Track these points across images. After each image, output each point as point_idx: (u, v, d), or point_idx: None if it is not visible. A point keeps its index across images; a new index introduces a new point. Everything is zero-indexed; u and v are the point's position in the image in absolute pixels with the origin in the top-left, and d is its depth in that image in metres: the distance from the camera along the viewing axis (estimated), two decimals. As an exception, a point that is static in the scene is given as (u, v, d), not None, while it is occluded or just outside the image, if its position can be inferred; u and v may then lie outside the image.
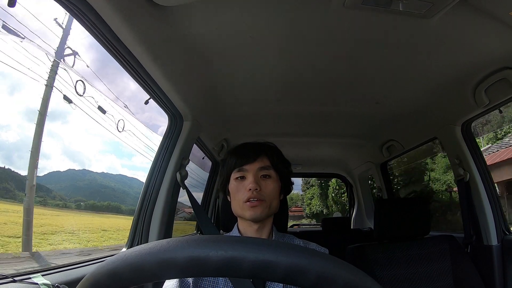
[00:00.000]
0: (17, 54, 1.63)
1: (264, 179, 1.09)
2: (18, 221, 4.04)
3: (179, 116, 1.83)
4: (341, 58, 1.59)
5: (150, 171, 1.76)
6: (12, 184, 5.09)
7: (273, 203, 1.09)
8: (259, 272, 0.41)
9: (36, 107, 3.56)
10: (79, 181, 11.94)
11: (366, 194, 4.19)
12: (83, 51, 1.75)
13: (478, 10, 1.20)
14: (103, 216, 10.25)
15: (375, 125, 2.60)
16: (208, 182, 2.99)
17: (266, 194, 1.07)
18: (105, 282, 0.42)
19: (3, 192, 4.56)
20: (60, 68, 2.01)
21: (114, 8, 1.01)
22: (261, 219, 1.08)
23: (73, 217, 8.74)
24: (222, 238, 0.43)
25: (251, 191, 1.05)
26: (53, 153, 13.57)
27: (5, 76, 9.66)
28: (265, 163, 1.11)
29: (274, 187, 1.10)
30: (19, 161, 4.61)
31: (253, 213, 1.05)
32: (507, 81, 1.60)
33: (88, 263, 1.36)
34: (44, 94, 3.04)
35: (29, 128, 3.78)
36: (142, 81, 1.43)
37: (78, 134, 19.38)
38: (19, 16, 1.35)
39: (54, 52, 2.81)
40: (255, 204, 1.05)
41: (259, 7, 1.22)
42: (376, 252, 1.84)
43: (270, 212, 1.09)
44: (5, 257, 3.31)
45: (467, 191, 2.10)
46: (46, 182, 8.32)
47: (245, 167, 1.10)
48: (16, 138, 4.33)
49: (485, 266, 1.96)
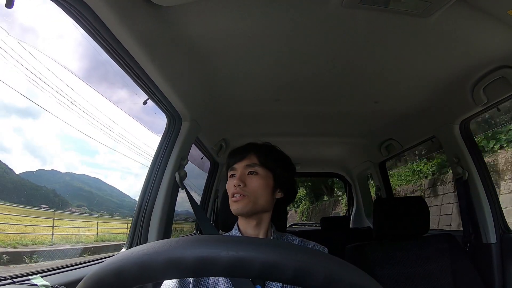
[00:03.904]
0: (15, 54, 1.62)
1: (249, 176, 1.13)
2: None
3: (177, 117, 1.83)
4: (339, 58, 1.60)
5: (149, 172, 1.76)
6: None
7: (259, 199, 1.11)
8: (269, 273, 0.41)
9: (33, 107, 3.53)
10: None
11: (365, 193, 4.20)
12: (79, 51, 1.74)
13: (476, 9, 1.20)
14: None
15: (374, 124, 2.61)
16: (207, 182, 2.99)
17: (249, 190, 1.11)
18: (109, 280, 0.42)
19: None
20: (57, 68, 2.01)
21: (112, 8, 1.00)
22: (247, 214, 1.11)
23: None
24: (233, 238, 0.43)
25: (235, 187, 1.10)
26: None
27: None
28: (252, 161, 1.15)
29: (260, 184, 1.12)
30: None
31: (236, 207, 1.10)
32: (505, 80, 1.60)
33: (86, 264, 1.36)
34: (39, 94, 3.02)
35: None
36: (140, 81, 1.43)
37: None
38: (16, 16, 1.34)
39: (50, 51, 2.80)
40: (237, 199, 1.09)
41: (257, 7, 1.22)
42: (376, 251, 1.84)
43: (256, 207, 1.11)
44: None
45: (466, 189, 2.10)
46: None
47: (234, 166, 1.16)
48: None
49: (484, 264, 1.96)
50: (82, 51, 1.82)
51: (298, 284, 0.42)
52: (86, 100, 2.53)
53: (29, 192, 3.55)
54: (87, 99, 2.53)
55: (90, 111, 2.64)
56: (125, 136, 3.12)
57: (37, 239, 3.24)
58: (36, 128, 3.39)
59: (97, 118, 2.72)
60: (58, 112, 2.40)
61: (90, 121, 2.72)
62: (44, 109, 2.81)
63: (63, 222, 3.65)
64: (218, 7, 1.21)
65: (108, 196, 4.86)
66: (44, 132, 3.52)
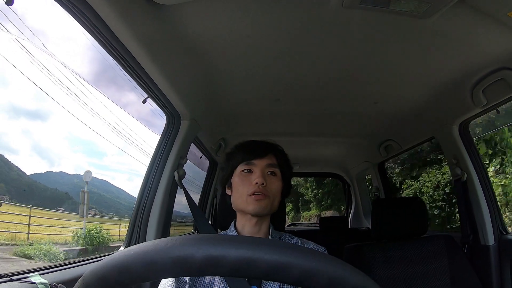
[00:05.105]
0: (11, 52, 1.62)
1: (270, 176, 1.11)
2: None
3: (177, 115, 1.83)
4: (339, 58, 1.60)
5: (148, 170, 1.76)
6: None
7: (275, 201, 1.11)
8: (275, 273, 0.41)
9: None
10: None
11: (363, 194, 4.21)
12: (78, 48, 1.74)
13: (476, 11, 1.20)
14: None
15: (373, 124, 2.61)
16: (206, 181, 2.99)
17: (270, 191, 1.08)
18: (114, 276, 0.42)
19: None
20: (56, 67, 2.01)
21: (112, 6, 1.00)
22: (262, 214, 1.09)
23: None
24: (242, 238, 0.43)
25: (257, 185, 1.06)
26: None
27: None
28: (272, 161, 1.13)
29: (278, 186, 1.12)
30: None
31: (257, 206, 1.06)
32: (504, 82, 1.60)
33: (85, 262, 1.36)
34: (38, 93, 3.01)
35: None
36: (140, 80, 1.43)
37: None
38: (16, 14, 1.34)
39: (49, 50, 2.80)
40: (260, 198, 1.06)
41: (257, 6, 1.22)
42: (374, 252, 1.84)
43: (272, 209, 1.10)
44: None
45: (464, 191, 2.10)
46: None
47: (253, 161, 1.11)
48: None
49: (482, 265, 1.96)
50: (81, 49, 1.82)
51: (302, 286, 0.42)
52: (84, 99, 2.53)
53: (43, 194, 3.56)
54: (87, 97, 2.53)
55: (88, 108, 2.63)
56: (123, 133, 3.12)
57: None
58: (37, 128, 3.39)
59: (95, 115, 2.72)
60: (55, 110, 2.40)
61: (88, 120, 2.72)
62: (41, 109, 2.80)
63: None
64: (219, 6, 1.21)
65: (116, 198, 4.86)
66: (44, 132, 3.51)
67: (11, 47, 1.63)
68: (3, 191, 2.71)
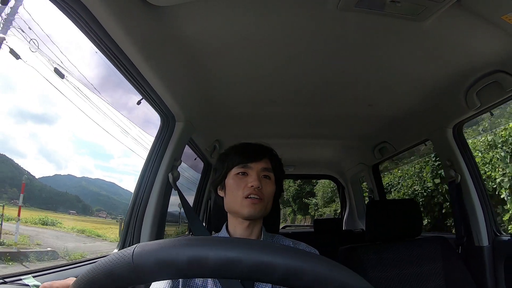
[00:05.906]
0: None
1: (264, 180, 1.11)
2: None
3: (171, 117, 1.82)
4: (334, 60, 1.60)
5: (142, 172, 1.75)
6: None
7: (268, 204, 1.11)
8: (288, 278, 0.42)
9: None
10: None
11: (358, 196, 4.21)
12: (73, 49, 1.73)
13: (470, 14, 1.21)
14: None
15: (368, 127, 2.62)
16: (200, 183, 2.99)
17: (265, 194, 1.09)
18: (125, 275, 0.42)
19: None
20: (50, 66, 1.99)
21: (107, 7, 1.00)
22: (256, 218, 1.10)
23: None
24: (254, 242, 0.44)
25: (253, 188, 1.07)
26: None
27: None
28: (268, 165, 1.14)
29: (272, 189, 1.13)
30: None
31: (252, 209, 1.06)
32: (498, 84, 1.61)
33: (78, 264, 1.35)
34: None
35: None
36: (134, 81, 1.42)
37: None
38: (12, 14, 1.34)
39: (43, 49, 2.78)
40: (255, 201, 1.06)
41: (253, 8, 1.22)
42: (368, 253, 1.85)
43: (265, 212, 1.11)
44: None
45: (458, 192, 2.11)
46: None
47: (249, 165, 1.12)
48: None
49: (476, 267, 1.97)
50: (76, 49, 1.81)
51: (288, 285, 0.42)
52: (80, 101, 2.51)
53: (55, 198, 3.54)
54: (81, 99, 2.52)
55: (83, 110, 2.62)
56: (124, 135, 3.11)
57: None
58: (36, 130, 3.38)
59: (90, 116, 2.71)
60: (51, 112, 2.39)
61: (85, 121, 2.70)
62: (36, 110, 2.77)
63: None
64: (214, 8, 1.21)
65: (124, 200, 4.84)
66: (43, 132, 3.50)
67: (5, 48, 1.62)
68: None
